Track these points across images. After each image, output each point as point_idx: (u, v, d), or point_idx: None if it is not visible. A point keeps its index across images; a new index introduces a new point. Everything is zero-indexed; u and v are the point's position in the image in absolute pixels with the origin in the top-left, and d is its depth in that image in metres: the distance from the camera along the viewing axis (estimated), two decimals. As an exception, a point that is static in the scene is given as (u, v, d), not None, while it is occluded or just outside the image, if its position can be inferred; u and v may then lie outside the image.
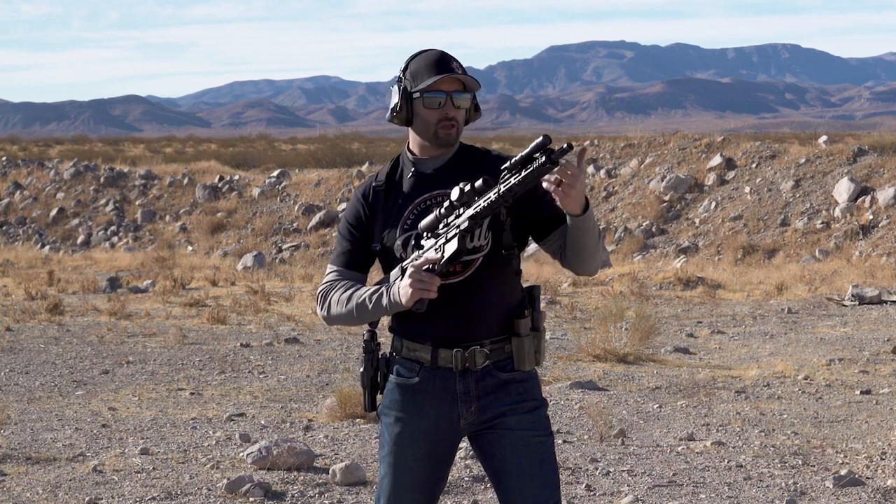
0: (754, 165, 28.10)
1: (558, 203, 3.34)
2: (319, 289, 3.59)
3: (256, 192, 34.32)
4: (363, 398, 3.59)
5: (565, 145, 3.27)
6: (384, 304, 3.44)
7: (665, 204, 27.91)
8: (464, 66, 3.55)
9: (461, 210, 3.41)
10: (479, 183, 3.38)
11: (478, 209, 3.37)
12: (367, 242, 3.57)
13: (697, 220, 26.87)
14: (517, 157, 3.32)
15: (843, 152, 27.01)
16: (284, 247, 30.63)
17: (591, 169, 30.87)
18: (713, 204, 27.18)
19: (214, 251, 30.50)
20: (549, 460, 3.50)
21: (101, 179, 37.03)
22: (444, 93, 3.48)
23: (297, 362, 11.01)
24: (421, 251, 3.46)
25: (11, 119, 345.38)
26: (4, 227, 35.64)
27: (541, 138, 3.28)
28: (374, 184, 3.59)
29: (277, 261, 28.18)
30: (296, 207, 32.68)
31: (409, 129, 3.57)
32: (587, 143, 33.30)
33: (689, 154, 29.85)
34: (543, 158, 3.26)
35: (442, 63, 3.49)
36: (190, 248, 31.62)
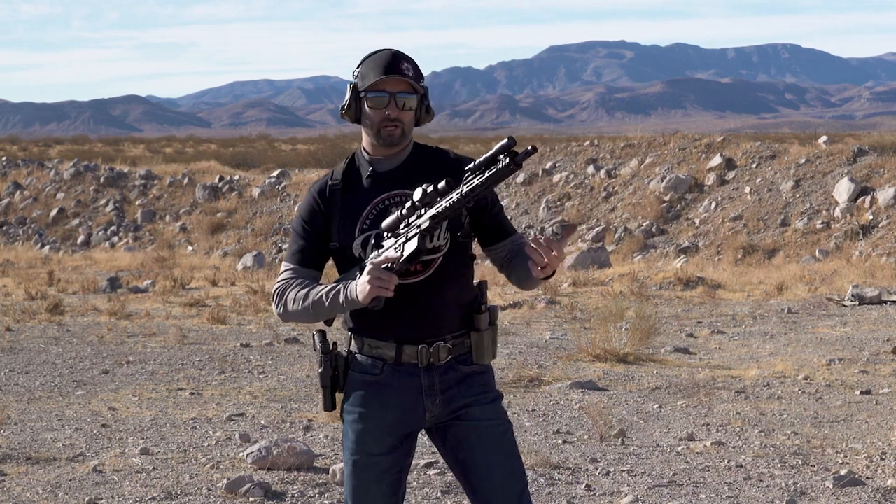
0: (754, 165, 28.10)
1: (533, 273, 3.40)
2: (275, 286, 3.61)
3: (256, 192, 34.33)
4: (322, 398, 3.62)
5: (530, 148, 3.34)
6: (341, 302, 3.47)
7: (665, 204, 27.91)
8: (418, 66, 3.57)
9: (423, 210, 3.45)
10: (441, 184, 3.43)
11: (439, 209, 3.42)
12: (323, 240, 3.59)
13: (697, 221, 26.87)
14: (481, 159, 3.37)
15: (843, 152, 27.01)
16: (284, 247, 30.65)
17: (590, 169, 30.87)
18: (713, 204, 27.18)
19: (214, 251, 30.51)
20: (514, 449, 3.61)
21: (101, 179, 37.04)
22: (387, 93, 3.51)
23: (297, 362, 11.01)
24: (380, 250, 3.50)
25: (11, 119, 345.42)
26: (4, 227, 35.64)
27: (506, 140, 3.33)
28: (330, 182, 3.61)
29: (277, 261, 28.18)
30: (296, 207, 32.70)
31: (363, 129, 3.60)
32: (587, 142, 33.32)
33: (689, 154, 29.85)
34: (507, 160, 3.31)
35: (390, 64, 3.51)
36: (190, 248, 31.63)
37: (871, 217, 23.95)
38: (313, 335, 3.64)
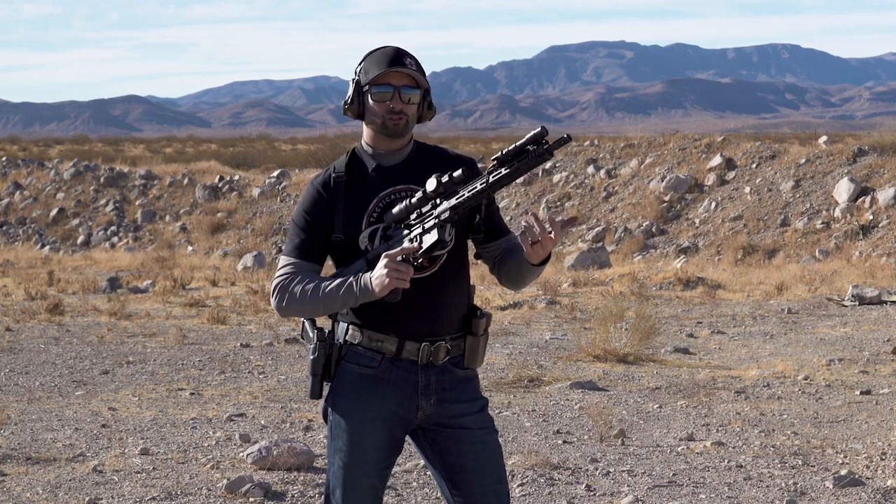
0: (754, 165, 28.10)
1: (525, 252, 3.45)
2: (276, 280, 3.57)
3: (256, 192, 34.32)
4: (311, 384, 3.59)
5: (566, 136, 3.34)
6: (356, 294, 3.45)
7: (665, 204, 27.91)
8: (421, 64, 3.61)
9: (438, 201, 3.46)
10: (457, 173, 3.44)
11: (461, 199, 3.43)
12: (326, 234, 3.57)
13: (697, 221, 26.87)
14: (511, 148, 3.38)
15: (843, 152, 27.01)
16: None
17: (590, 169, 30.87)
18: (713, 204, 27.18)
19: (214, 251, 30.51)
20: (500, 456, 3.65)
21: (101, 179, 37.04)
22: (391, 87, 3.53)
23: (297, 362, 11.01)
24: (389, 241, 3.51)
25: (11, 119, 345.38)
26: (4, 227, 35.64)
27: (538, 129, 3.34)
28: (333, 175, 3.60)
29: (277, 261, 28.17)
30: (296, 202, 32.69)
31: (363, 123, 3.62)
32: (587, 142, 33.32)
33: (689, 154, 29.85)
34: (538, 149, 3.32)
35: (393, 58, 3.55)
36: (190, 248, 31.63)
37: (871, 217, 23.95)
38: (303, 322, 3.61)
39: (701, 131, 42.54)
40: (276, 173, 35.75)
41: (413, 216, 3.50)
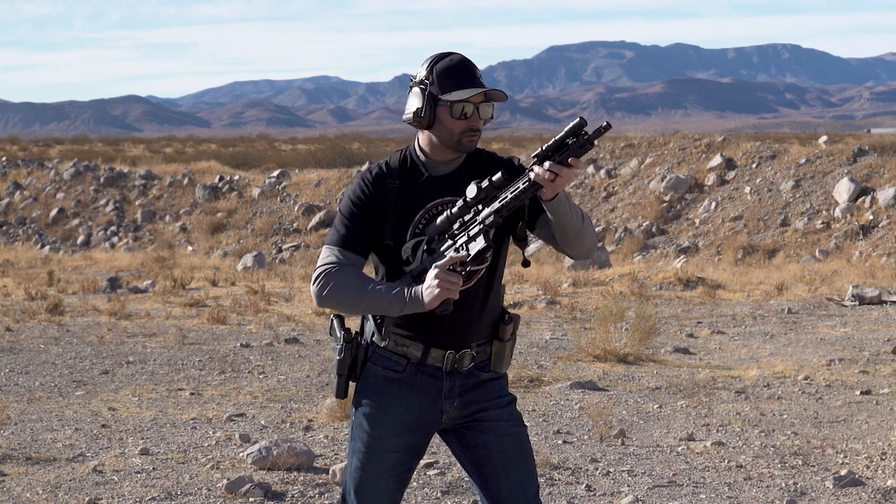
0: (754, 165, 28.10)
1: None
2: (320, 269, 3.50)
3: (256, 192, 34.32)
4: (336, 384, 3.58)
5: (605, 124, 3.28)
6: (404, 300, 3.41)
7: (665, 204, 27.90)
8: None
9: (480, 207, 3.41)
10: (497, 177, 3.37)
11: (504, 201, 3.37)
12: (372, 227, 3.52)
13: (697, 221, 26.86)
14: (550, 144, 3.32)
15: (843, 152, 27.01)
16: (284, 247, 30.63)
17: (590, 169, 30.87)
18: (713, 204, 27.18)
19: (214, 251, 30.50)
20: (529, 450, 3.67)
21: (101, 179, 37.04)
22: (472, 104, 3.49)
23: (297, 362, 11.01)
24: (434, 255, 3.46)
25: (11, 119, 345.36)
26: (4, 227, 35.64)
27: (577, 120, 3.30)
28: (386, 173, 3.56)
29: (277, 261, 28.18)
30: (296, 207, 32.68)
31: (425, 131, 3.55)
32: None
33: (689, 154, 29.85)
34: (578, 141, 3.28)
35: (471, 74, 3.50)
36: (190, 248, 31.62)
37: (871, 217, 23.94)
38: (332, 320, 3.59)
39: (701, 131, 42.54)
40: (276, 173, 35.74)
41: (456, 226, 3.44)
